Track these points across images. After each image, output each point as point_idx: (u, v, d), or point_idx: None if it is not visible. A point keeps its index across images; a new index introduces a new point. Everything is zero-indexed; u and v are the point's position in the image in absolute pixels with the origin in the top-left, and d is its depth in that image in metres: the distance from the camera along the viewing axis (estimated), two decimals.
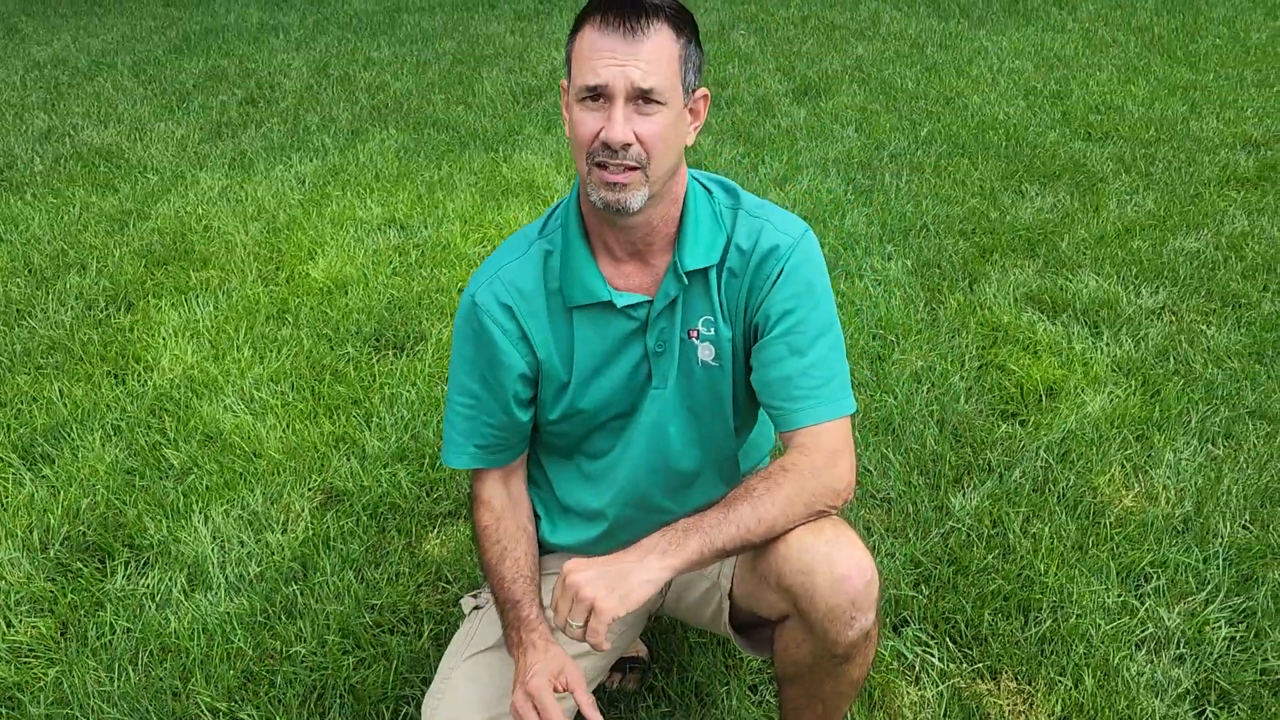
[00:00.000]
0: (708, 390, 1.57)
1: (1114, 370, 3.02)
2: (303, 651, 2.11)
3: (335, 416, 2.91)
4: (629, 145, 1.36)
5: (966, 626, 2.11)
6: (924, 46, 6.98)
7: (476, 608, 1.68)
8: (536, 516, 1.72)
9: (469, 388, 1.58)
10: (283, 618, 2.21)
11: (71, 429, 2.87)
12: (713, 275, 1.52)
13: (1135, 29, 7.33)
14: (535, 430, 1.67)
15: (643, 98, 1.35)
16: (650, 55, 1.35)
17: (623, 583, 1.31)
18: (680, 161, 1.47)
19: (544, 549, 1.71)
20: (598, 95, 1.36)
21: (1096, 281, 3.52)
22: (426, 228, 4.16)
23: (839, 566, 1.37)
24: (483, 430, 1.60)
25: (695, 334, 1.54)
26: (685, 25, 1.40)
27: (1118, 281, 3.54)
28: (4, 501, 2.61)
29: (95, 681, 2.05)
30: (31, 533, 2.49)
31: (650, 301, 1.52)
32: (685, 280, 1.51)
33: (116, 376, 3.16)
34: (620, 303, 1.50)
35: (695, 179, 1.55)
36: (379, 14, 8.61)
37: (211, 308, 3.54)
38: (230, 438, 2.80)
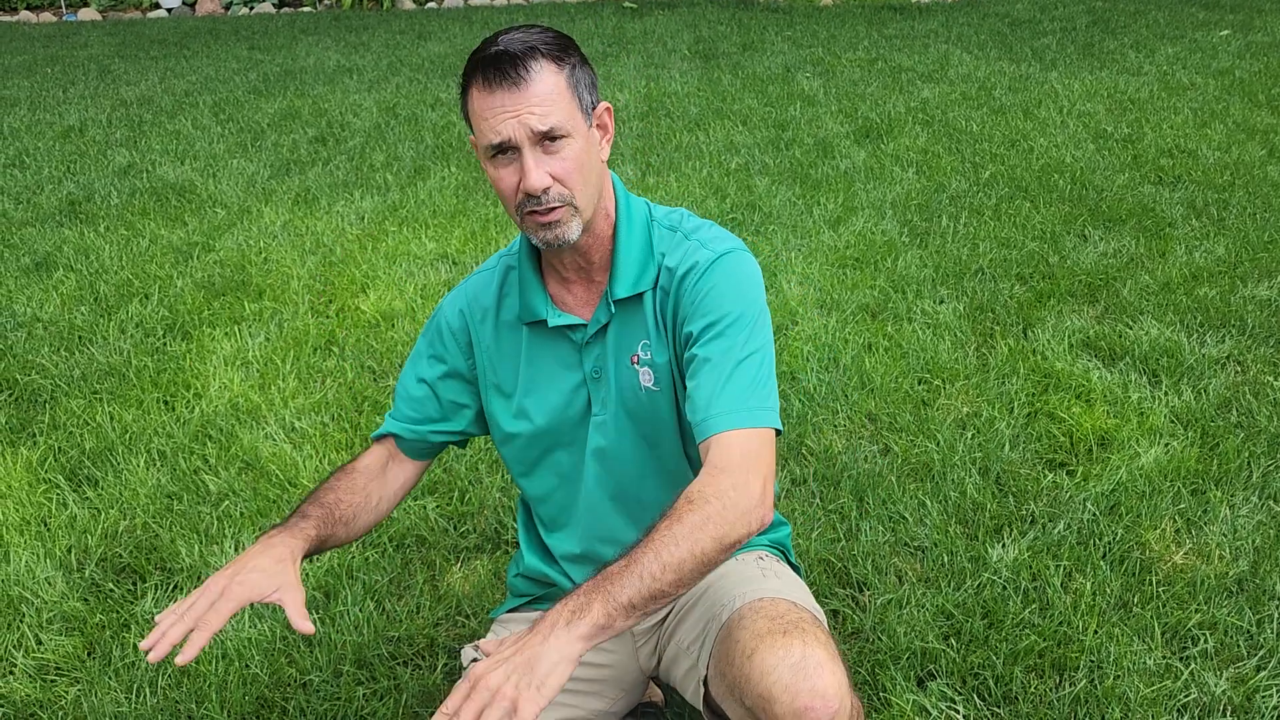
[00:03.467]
0: (653, 415, 1.55)
1: (1171, 421, 2.89)
2: (317, 680, 2.11)
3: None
4: (548, 188, 1.38)
5: (996, 683, 2.01)
6: (992, 89, 6.89)
7: (475, 659, 1.66)
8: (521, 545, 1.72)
9: (406, 380, 1.68)
10: (301, 645, 2.21)
11: (118, 453, 2.94)
12: (648, 298, 1.52)
13: (1215, 72, 7.14)
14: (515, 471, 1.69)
15: (546, 138, 1.37)
16: (540, 96, 1.36)
17: (534, 671, 1.19)
18: (603, 178, 1.48)
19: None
20: (505, 149, 1.38)
21: (1158, 329, 3.39)
22: (478, 263, 4.20)
23: (800, 697, 1.27)
24: (400, 412, 1.67)
25: (636, 359, 1.53)
26: (564, 52, 1.40)
27: (1181, 329, 3.40)
28: (48, 522, 2.67)
29: (113, 702, 2.07)
30: (70, 553, 2.54)
31: (585, 325, 1.54)
32: (613, 309, 1.52)
33: (166, 403, 3.24)
34: (553, 321, 1.53)
35: (646, 204, 1.57)
36: (452, 56, 8.82)
37: (263, 338, 3.61)
38: (267, 466, 2.83)
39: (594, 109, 1.44)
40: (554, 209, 1.39)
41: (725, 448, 1.36)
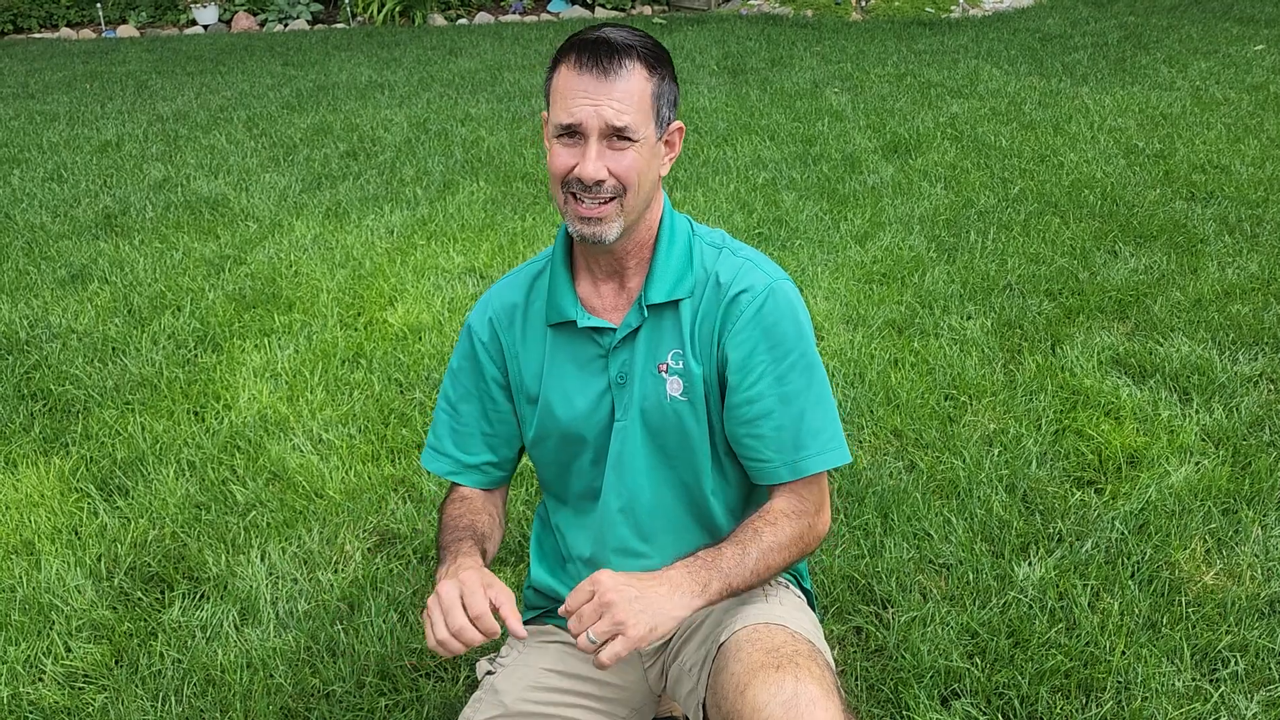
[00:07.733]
0: (676, 426, 1.55)
1: (1202, 439, 2.86)
2: (340, 691, 2.12)
3: (397, 460, 2.94)
4: (603, 181, 1.41)
5: (1021, 703, 1.99)
6: (1022, 104, 6.85)
7: (490, 673, 1.66)
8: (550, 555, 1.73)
9: (449, 396, 1.68)
10: (325, 656, 2.22)
11: (148, 463, 2.98)
12: (685, 308, 1.53)
13: (1249, 87, 7.06)
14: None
15: (616, 135, 1.40)
16: (623, 94, 1.39)
17: (656, 613, 1.31)
18: (655, 191, 1.50)
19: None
20: (573, 132, 1.41)
21: (1189, 346, 3.35)
22: None
23: None
24: (461, 441, 1.68)
25: (664, 367, 1.54)
26: (659, 63, 1.44)
27: (1213, 346, 3.36)
28: (79, 531, 2.71)
29: (140, 710, 2.10)
30: (100, 561, 2.57)
31: (614, 329, 1.54)
32: (645, 313, 1.53)
33: (196, 414, 3.27)
34: (582, 323, 1.54)
35: (689, 220, 1.58)
36: (481, 72, 8.89)
37: (292, 350, 3.64)
38: (294, 477, 2.86)
39: (669, 124, 1.47)
40: (605, 203, 1.42)
41: (811, 485, 1.53)
